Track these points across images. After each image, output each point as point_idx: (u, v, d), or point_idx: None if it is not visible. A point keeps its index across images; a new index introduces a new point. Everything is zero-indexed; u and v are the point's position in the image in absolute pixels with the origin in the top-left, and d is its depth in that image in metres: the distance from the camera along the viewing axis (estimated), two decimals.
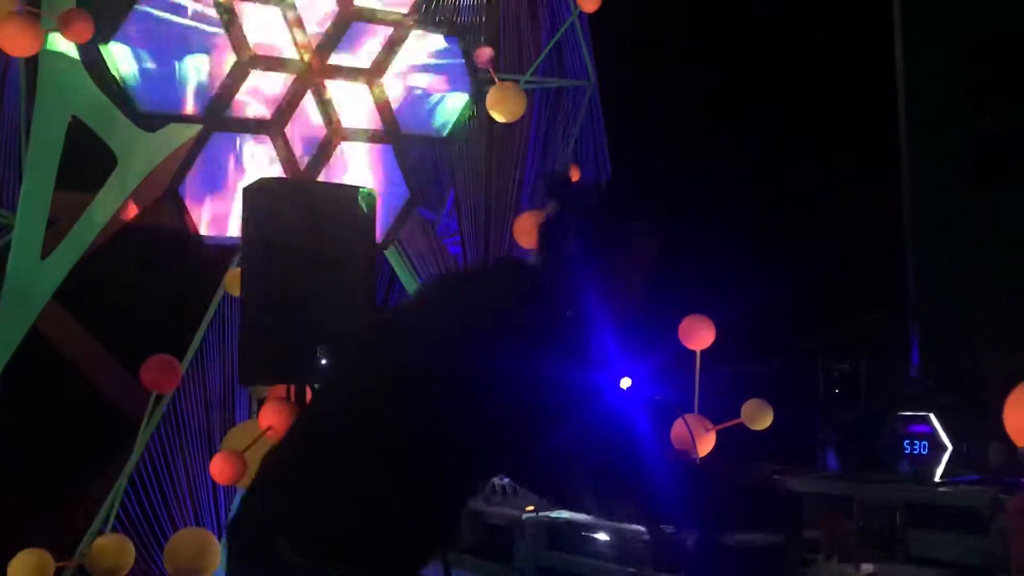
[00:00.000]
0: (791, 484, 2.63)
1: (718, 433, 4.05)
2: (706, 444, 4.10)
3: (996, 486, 2.35)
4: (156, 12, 4.43)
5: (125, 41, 4.35)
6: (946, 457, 2.54)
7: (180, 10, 4.51)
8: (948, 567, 2.23)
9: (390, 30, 4.97)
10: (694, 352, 4.17)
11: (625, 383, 4.21)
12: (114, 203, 4.56)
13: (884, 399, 2.75)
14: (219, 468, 3.42)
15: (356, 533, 1.91)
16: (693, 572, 2.09)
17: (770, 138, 5.69)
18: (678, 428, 3.97)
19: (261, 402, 4.37)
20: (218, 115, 4.58)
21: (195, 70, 4.55)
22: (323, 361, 3.38)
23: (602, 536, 2.52)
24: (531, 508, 2.75)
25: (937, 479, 2.55)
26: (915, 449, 2.58)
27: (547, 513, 2.72)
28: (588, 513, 2.43)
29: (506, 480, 3.06)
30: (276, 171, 4.70)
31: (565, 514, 2.74)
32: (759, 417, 3.95)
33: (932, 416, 2.54)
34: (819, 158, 5.36)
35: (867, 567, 2.17)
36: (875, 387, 2.82)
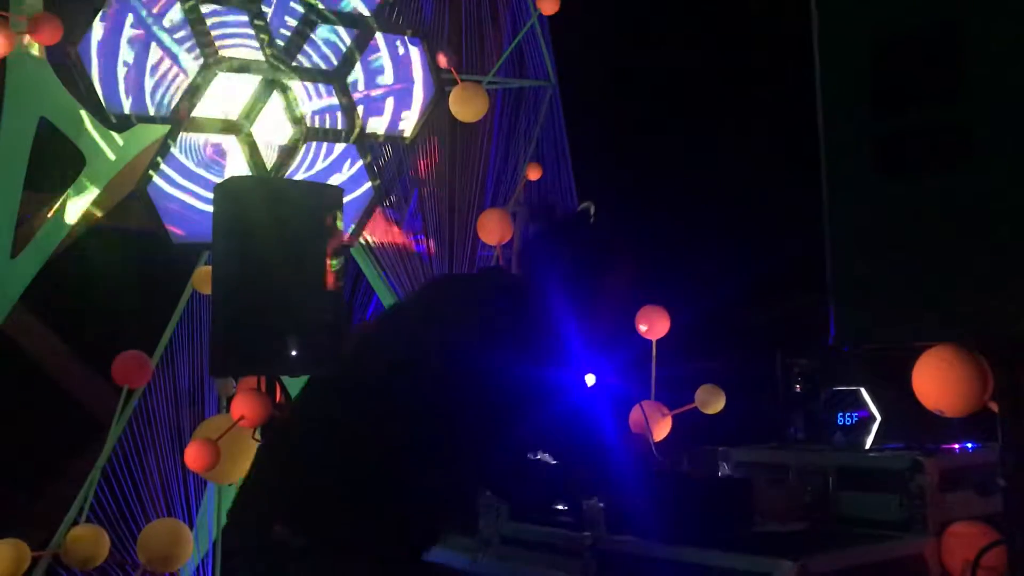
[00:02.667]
0: (736, 456, 2.81)
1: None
2: (662, 429, 4.26)
3: (918, 450, 2.55)
4: (124, 15, 4.53)
5: (93, 43, 4.44)
6: (875, 427, 2.74)
7: (147, 13, 4.60)
8: (873, 524, 2.43)
9: (355, 32, 5.09)
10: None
11: (590, 380, 4.36)
12: (82, 203, 4.61)
13: (821, 378, 2.95)
14: (193, 456, 3.52)
15: (345, 516, 2.04)
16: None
17: (710, 136, 5.88)
18: (635, 414, 4.13)
19: (229, 399, 4.47)
20: (186, 116, 4.67)
21: (163, 72, 4.64)
22: (292, 352, 3.49)
23: (559, 506, 2.68)
24: None
25: (867, 447, 2.74)
26: (847, 420, 2.78)
27: None
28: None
29: None
30: (244, 170, 4.80)
31: None
32: (712, 402, 4.12)
33: (862, 390, 2.74)
34: (748, 156, 5.56)
35: (797, 524, 2.36)
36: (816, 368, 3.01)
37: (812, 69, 2.06)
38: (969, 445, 2.67)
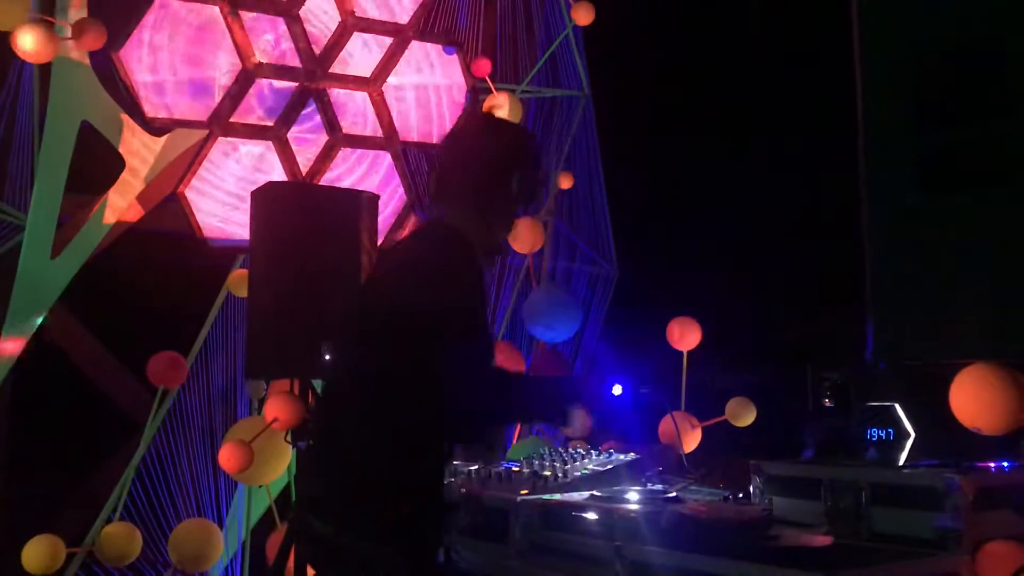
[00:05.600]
0: (768, 470, 2.79)
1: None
2: (692, 440, 4.26)
3: (953, 468, 2.53)
4: (164, 21, 4.60)
5: (134, 49, 4.51)
6: (909, 443, 2.72)
7: (187, 19, 4.67)
8: (906, 541, 2.41)
9: (390, 40, 5.14)
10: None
11: (617, 390, 4.35)
12: (121, 205, 4.68)
13: (855, 393, 2.93)
14: (227, 457, 3.57)
15: (359, 509, 2.21)
16: None
17: (744, 150, 5.85)
18: (665, 424, 4.12)
19: (261, 402, 4.51)
20: (223, 121, 4.74)
21: (201, 77, 4.70)
22: (326, 356, 3.52)
23: (591, 515, 2.68)
24: (525, 492, 2.92)
25: (901, 463, 2.72)
26: (880, 436, 2.76)
27: (539, 496, 2.88)
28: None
29: (501, 467, 3.22)
30: (279, 176, 4.86)
31: (557, 496, 2.91)
32: (742, 414, 4.11)
33: (896, 406, 2.72)
34: (786, 168, 5.53)
35: (824, 538, 2.34)
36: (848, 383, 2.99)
37: (854, 84, 2.06)
38: (1005, 464, 2.64)
